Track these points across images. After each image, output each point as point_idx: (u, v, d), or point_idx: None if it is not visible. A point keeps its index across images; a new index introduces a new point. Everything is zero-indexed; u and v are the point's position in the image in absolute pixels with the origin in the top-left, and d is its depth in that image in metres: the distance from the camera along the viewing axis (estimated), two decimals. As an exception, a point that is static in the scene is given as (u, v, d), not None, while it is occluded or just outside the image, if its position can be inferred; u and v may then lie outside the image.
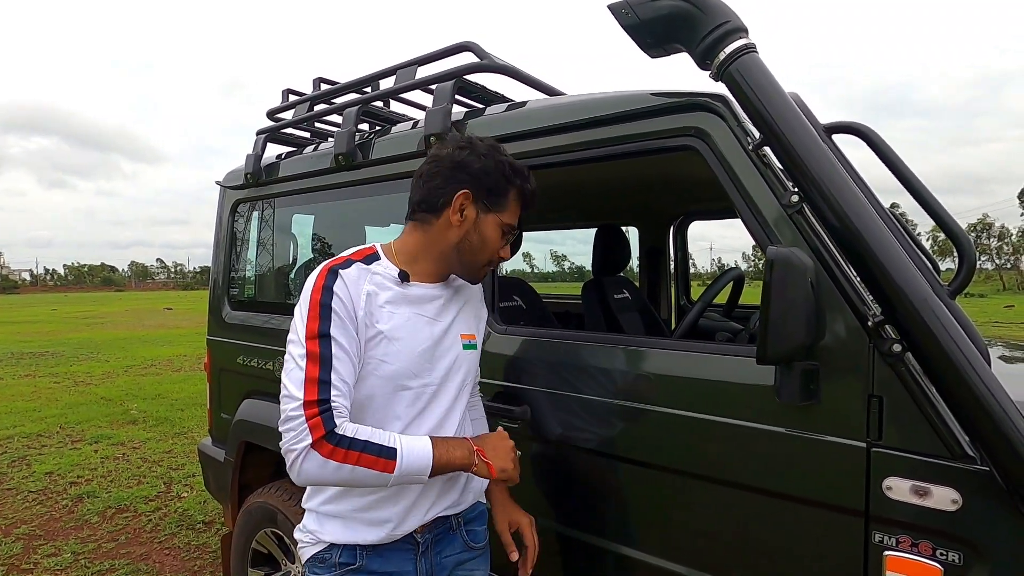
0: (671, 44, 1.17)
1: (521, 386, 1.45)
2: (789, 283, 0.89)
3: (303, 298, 1.01)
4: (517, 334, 1.52)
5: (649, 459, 1.27)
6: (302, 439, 0.92)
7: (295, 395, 0.94)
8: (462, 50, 1.70)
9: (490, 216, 1.11)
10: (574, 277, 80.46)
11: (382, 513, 1.07)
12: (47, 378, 7.92)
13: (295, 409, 0.93)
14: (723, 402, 1.15)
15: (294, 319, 1.01)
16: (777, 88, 1.04)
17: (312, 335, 0.98)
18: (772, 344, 0.90)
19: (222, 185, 2.50)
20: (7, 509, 3.46)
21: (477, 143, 1.11)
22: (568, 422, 1.38)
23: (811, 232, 1.06)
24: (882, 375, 0.98)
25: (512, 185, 1.12)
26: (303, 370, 0.96)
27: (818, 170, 0.97)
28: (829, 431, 1.03)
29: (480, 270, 1.16)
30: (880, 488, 0.97)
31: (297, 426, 0.93)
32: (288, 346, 1.01)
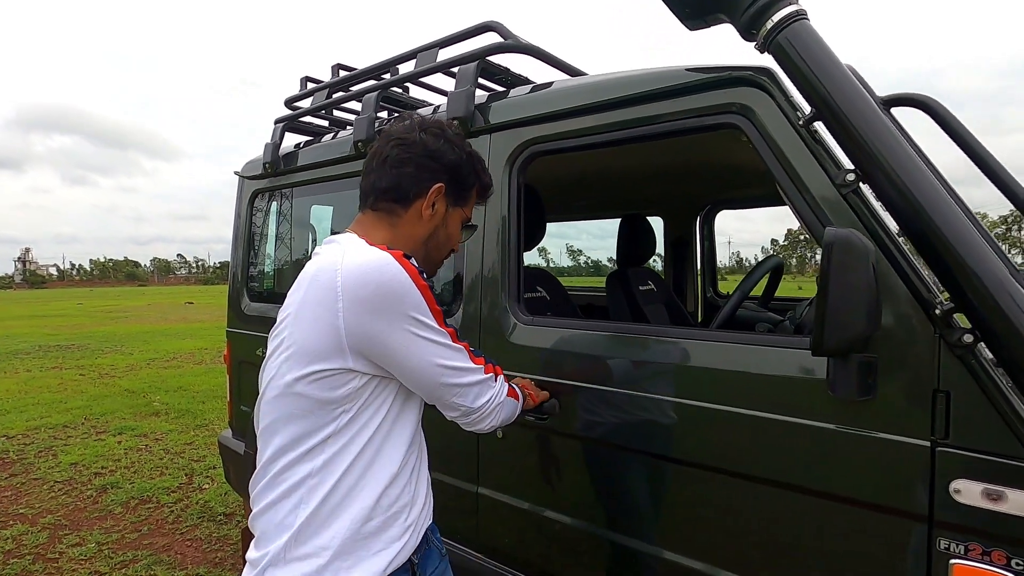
0: (712, 14, 1.10)
1: (549, 379, 1.39)
2: (849, 267, 0.82)
3: (403, 291, 0.89)
4: (544, 325, 1.46)
5: (687, 457, 1.20)
6: (503, 388, 1.08)
7: (473, 366, 1.01)
8: (485, 30, 1.63)
9: (456, 211, 1.08)
10: (589, 271, 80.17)
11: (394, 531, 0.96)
12: (73, 370, 8.07)
13: (480, 374, 1.02)
14: (769, 397, 1.07)
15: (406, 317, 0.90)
16: (832, 57, 0.96)
17: (442, 320, 0.97)
18: (830, 334, 0.83)
19: (240, 175, 2.47)
20: (34, 499, 3.51)
21: (448, 131, 1.05)
22: (600, 417, 1.32)
23: (868, 213, 0.98)
24: (949, 368, 0.90)
25: (478, 180, 1.09)
26: (461, 349, 1.00)
27: (880, 145, 0.89)
28: (887, 428, 0.95)
29: (437, 266, 1.13)
30: (947, 491, 0.89)
31: (492, 382, 1.05)
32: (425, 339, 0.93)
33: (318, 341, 0.88)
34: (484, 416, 1.04)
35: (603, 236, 32.63)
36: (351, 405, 0.91)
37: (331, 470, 0.90)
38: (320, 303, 0.88)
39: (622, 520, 1.32)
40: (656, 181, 2.77)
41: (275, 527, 0.91)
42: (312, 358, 0.88)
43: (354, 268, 0.88)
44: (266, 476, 0.93)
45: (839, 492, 1.00)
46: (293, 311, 0.93)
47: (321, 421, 0.90)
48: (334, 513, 0.90)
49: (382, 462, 0.94)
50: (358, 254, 0.90)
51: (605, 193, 3.02)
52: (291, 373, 0.90)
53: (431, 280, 1.02)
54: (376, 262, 0.89)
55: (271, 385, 0.94)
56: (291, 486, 0.91)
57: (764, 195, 2.80)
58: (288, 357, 0.91)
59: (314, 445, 0.90)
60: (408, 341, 0.91)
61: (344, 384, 0.89)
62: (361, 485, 0.91)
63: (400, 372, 0.93)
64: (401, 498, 0.96)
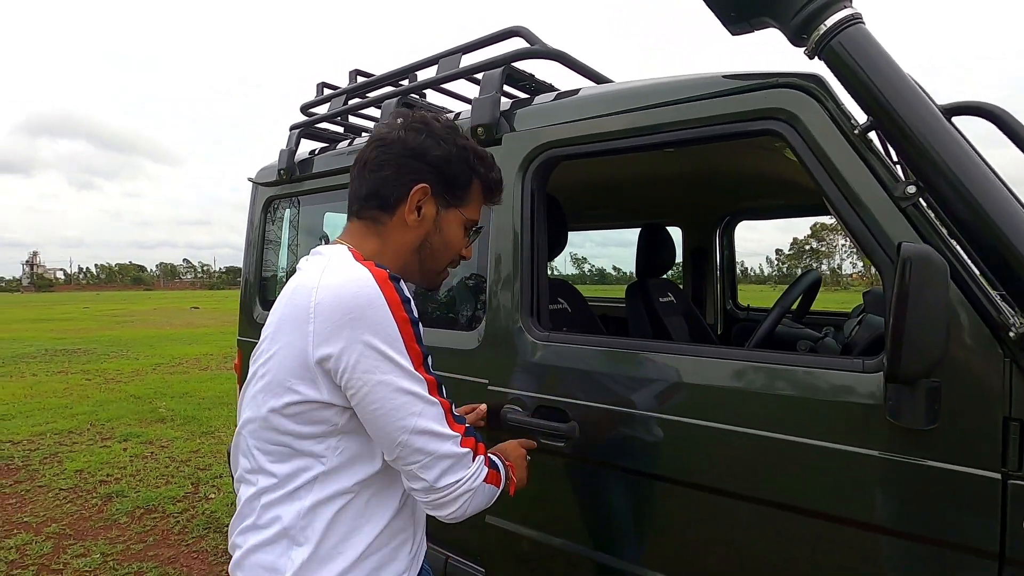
0: (759, 18, 1.05)
1: (567, 399, 1.30)
2: (928, 286, 0.76)
3: (375, 320, 0.78)
4: (561, 341, 1.36)
5: (728, 488, 1.11)
6: (481, 472, 0.87)
7: (448, 432, 0.82)
8: (511, 35, 1.59)
9: (452, 212, 0.95)
10: (594, 280, 79.89)
11: (399, 564, 0.90)
12: (79, 375, 8.04)
13: (455, 445, 0.83)
14: (818, 423, 1.00)
15: (374, 349, 0.77)
16: (892, 63, 0.91)
17: (420, 363, 0.81)
18: (909, 358, 0.77)
19: (254, 182, 2.43)
20: (39, 507, 3.46)
21: (433, 123, 0.92)
22: (624, 442, 1.24)
23: (930, 228, 0.92)
24: (1022, 394, 0.84)
25: (476, 175, 0.96)
26: (438, 404, 0.82)
27: (947, 156, 0.84)
28: (952, 459, 0.88)
29: (439, 275, 1.01)
30: (1021, 526, 0.83)
31: (469, 461, 0.85)
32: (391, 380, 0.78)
33: (290, 368, 0.79)
34: (448, 499, 0.83)
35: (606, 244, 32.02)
36: (337, 441, 0.82)
37: (324, 510, 0.82)
38: (293, 325, 0.79)
39: (647, 553, 1.24)
40: (675, 190, 2.72)
41: (266, 571, 0.82)
42: (286, 388, 0.80)
43: (328, 288, 0.79)
44: (250, 516, 0.85)
45: (897, 527, 0.93)
46: (270, 333, 0.84)
47: (306, 458, 0.81)
48: (333, 554, 0.82)
49: (380, 500, 0.86)
50: (338, 272, 0.81)
51: (622, 202, 2.98)
52: (267, 404, 0.82)
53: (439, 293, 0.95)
54: (352, 283, 0.78)
55: (251, 418, 0.85)
56: (281, 529, 0.82)
57: (785, 206, 2.75)
58: (264, 387, 0.83)
59: (301, 485, 0.82)
60: (373, 378, 0.77)
61: (322, 420, 0.80)
62: (360, 524, 0.84)
63: (361, 415, 0.80)
64: (402, 532, 0.90)
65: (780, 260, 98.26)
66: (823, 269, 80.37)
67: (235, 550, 0.87)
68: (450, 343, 1.56)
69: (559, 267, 72.66)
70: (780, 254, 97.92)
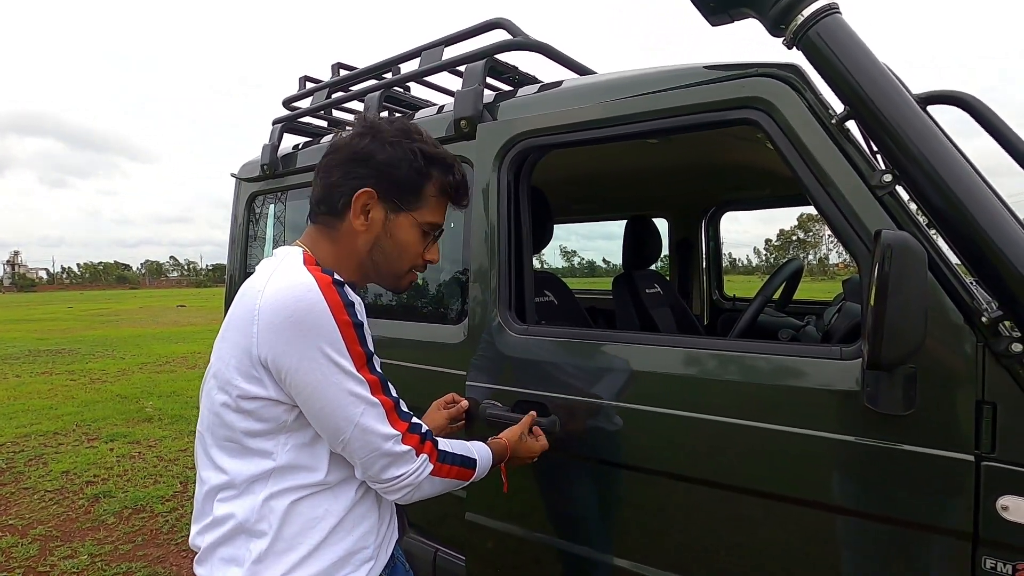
0: (738, 8, 1.06)
1: (549, 393, 1.29)
2: (908, 274, 0.76)
3: (317, 323, 0.80)
4: (541, 335, 1.34)
5: (706, 476, 1.12)
6: (424, 468, 0.89)
7: (389, 432, 0.85)
8: (494, 27, 1.58)
9: (402, 217, 0.94)
10: (584, 273, 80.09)
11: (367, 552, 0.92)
12: (63, 375, 7.93)
13: (397, 443, 0.85)
14: (797, 411, 1.01)
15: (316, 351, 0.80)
16: (868, 53, 0.92)
17: (363, 363, 0.84)
18: (888, 346, 0.77)
19: (237, 177, 2.41)
20: (24, 509, 3.42)
21: (383, 127, 0.93)
22: (606, 435, 1.23)
23: (906, 216, 0.93)
24: (996, 379, 0.85)
25: (427, 178, 0.94)
26: (379, 404, 0.85)
27: (922, 145, 0.85)
28: (927, 442, 0.90)
29: (401, 279, 1.00)
30: (993, 507, 0.85)
31: (411, 458, 0.87)
32: (334, 381, 0.81)
33: (237, 367, 0.82)
34: (393, 490, 0.88)
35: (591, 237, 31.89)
36: (286, 437, 0.84)
37: (277, 503, 0.83)
38: (240, 326, 0.82)
39: (630, 545, 1.24)
40: (660, 182, 2.73)
41: (226, 563, 0.85)
42: (233, 385, 0.82)
43: (273, 292, 0.81)
44: (207, 515, 0.87)
45: (875, 510, 0.95)
46: (222, 331, 0.87)
47: (256, 454, 0.84)
48: (292, 544, 0.84)
49: (336, 490, 0.88)
50: (284, 276, 0.83)
51: (608, 194, 2.98)
52: (217, 399, 0.84)
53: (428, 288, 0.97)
54: (295, 288, 0.80)
55: (205, 415, 0.88)
56: (237, 524, 0.84)
57: (770, 196, 2.77)
58: (215, 385, 0.85)
59: (254, 480, 0.84)
60: (315, 379, 0.80)
61: (271, 417, 0.83)
62: (318, 514, 0.86)
63: (307, 412, 0.83)
64: (366, 519, 0.91)
65: (768, 250, 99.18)
66: (809, 259, 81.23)
67: (196, 548, 0.89)
68: (437, 337, 1.56)
69: (548, 261, 72.65)
70: (769, 244, 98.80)
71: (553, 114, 1.33)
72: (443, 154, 0.97)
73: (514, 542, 1.39)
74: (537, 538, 1.37)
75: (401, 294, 1.05)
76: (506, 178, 1.41)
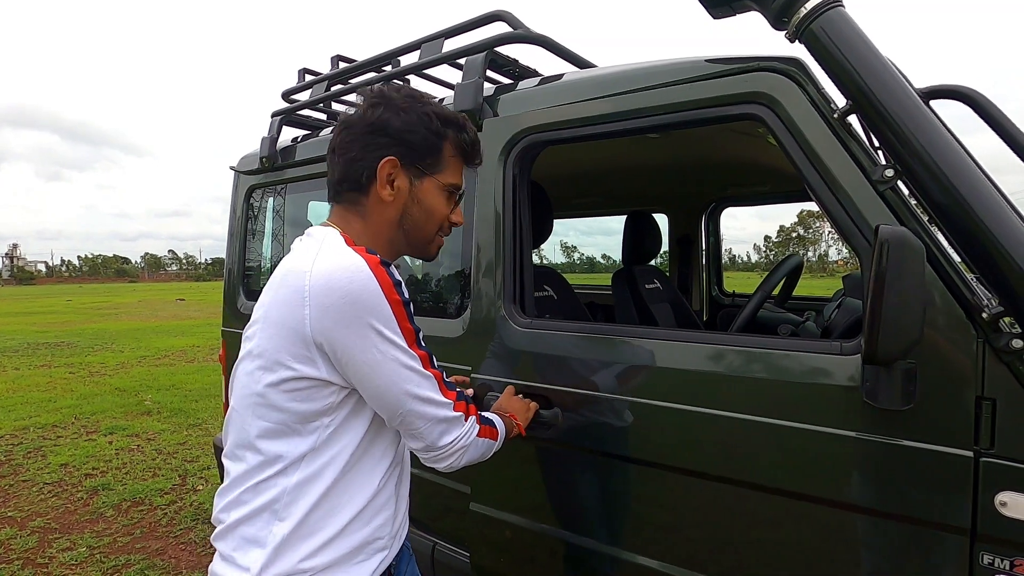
0: (740, 1, 1.05)
1: (551, 386, 1.31)
2: (906, 269, 0.76)
3: (370, 303, 0.81)
4: (544, 328, 1.36)
5: (705, 469, 1.13)
6: (473, 430, 0.97)
7: (442, 400, 0.91)
8: (494, 19, 1.57)
9: (427, 180, 0.94)
10: (583, 269, 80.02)
11: (381, 542, 0.93)
12: (62, 368, 7.93)
13: (449, 410, 0.92)
14: (797, 406, 1.01)
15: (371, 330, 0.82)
16: (871, 47, 0.91)
17: (413, 340, 0.87)
18: (884, 341, 0.77)
19: (236, 170, 2.40)
20: (23, 501, 3.42)
21: (393, 95, 0.93)
22: (607, 428, 1.24)
23: (907, 211, 0.93)
24: (995, 375, 0.85)
25: (444, 138, 0.94)
26: (431, 377, 0.90)
27: (924, 140, 0.84)
28: (925, 438, 0.90)
29: (431, 245, 1.01)
30: (992, 503, 0.85)
31: (462, 422, 0.95)
32: (391, 357, 0.84)
33: (287, 348, 0.82)
34: (446, 455, 0.94)
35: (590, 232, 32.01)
36: (329, 420, 0.85)
37: (308, 488, 0.84)
38: (288, 307, 0.82)
39: (632, 538, 1.25)
40: (661, 177, 2.72)
41: (248, 543, 0.85)
42: (283, 365, 0.82)
43: (323, 273, 0.81)
44: (236, 490, 0.87)
45: (873, 505, 0.95)
46: (263, 313, 0.87)
47: (298, 436, 0.84)
48: (314, 529, 0.85)
49: (362, 479, 0.89)
50: (331, 257, 0.83)
51: (608, 189, 2.97)
52: (263, 380, 0.84)
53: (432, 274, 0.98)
54: (346, 268, 0.81)
55: (244, 394, 0.88)
56: (265, 503, 0.84)
57: (771, 192, 2.76)
58: (260, 365, 0.85)
59: (290, 463, 0.84)
60: (373, 357, 0.82)
61: (321, 397, 0.84)
62: (343, 501, 0.86)
63: (364, 390, 0.85)
64: (384, 510, 0.92)
65: (768, 247, 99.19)
66: (809, 255, 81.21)
67: (219, 524, 0.89)
68: (436, 331, 1.56)
69: (547, 255, 72.53)
70: (768, 241, 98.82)
71: (560, 109, 1.33)
72: (455, 114, 0.97)
73: (519, 533, 1.40)
74: (541, 529, 1.37)
75: (425, 260, 1.06)
76: (512, 172, 1.42)
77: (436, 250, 1.02)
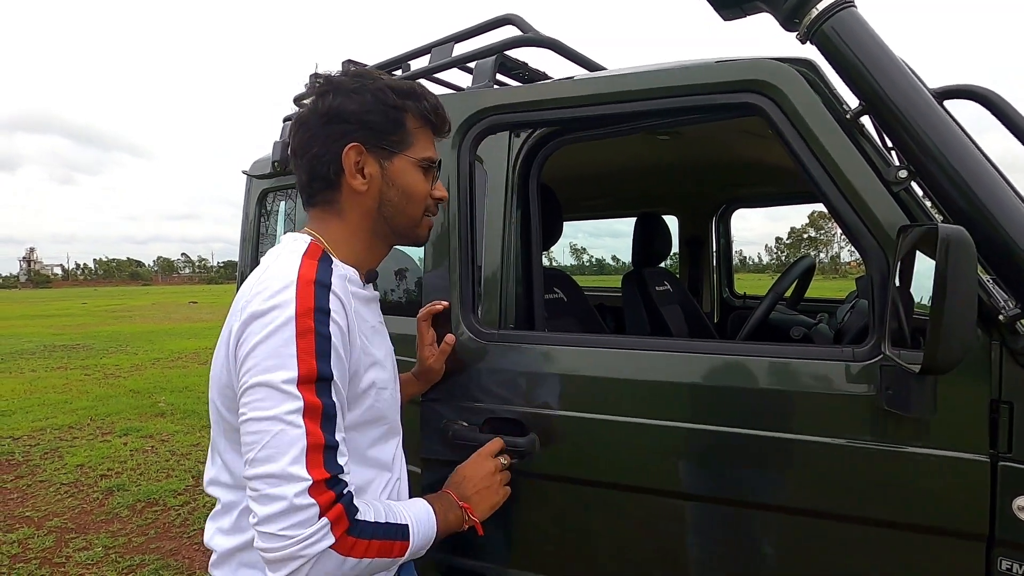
0: (751, 2, 1.04)
1: (523, 408, 1.14)
2: (963, 271, 0.70)
3: (273, 323, 0.71)
4: (510, 341, 1.17)
5: (714, 494, 1.03)
6: (318, 540, 0.67)
7: (297, 474, 0.66)
8: (504, 23, 1.58)
9: (397, 160, 0.85)
10: (593, 271, 79.94)
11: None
12: (78, 370, 8.05)
13: (300, 495, 0.66)
14: (804, 417, 0.96)
15: (255, 351, 0.71)
16: (884, 48, 0.90)
17: (309, 377, 0.70)
18: (946, 349, 0.71)
19: (248, 174, 2.42)
20: (40, 501, 3.47)
21: (340, 79, 0.85)
22: (591, 453, 1.11)
23: (921, 213, 0.92)
24: (1012, 377, 0.84)
25: (405, 111, 0.85)
26: (303, 432, 0.68)
27: (939, 140, 0.84)
28: (941, 444, 0.88)
29: (420, 227, 0.91)
30: (1010, 508, 0.84)
31: (308, 521, 0.66)
32: (256, 393, 0.70)
33: (221, 360, 0.78)
34: (266, 547, 0.67)
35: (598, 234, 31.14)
36: None
37: None
38: (228, 319, 0.79)
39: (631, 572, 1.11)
40: (671, 179, 2.71)
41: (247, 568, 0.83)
42: (218, 377, 0.79)
43: (252, 285, 0.76)
44: (229, 516, 0.84)
45: (888, 515, 0.92)
46: None
47: None
48: None
49: (368, 497, 0.83)
50: (269, 269, 0.78)
51: (618, 191, 2.97)
52: (212, 390, 0.82)
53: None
54: (270, 284, 0.74)
55: (213, 419, 0.86)
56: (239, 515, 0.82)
57: (781, 193, 2.74)
58: (214, 382, 0.82)
59: None
60: (248, 380, 0.71)
61: None
62: None
63: None
64: None
65: (779, 248, 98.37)
66: (821, 257, 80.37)
67: (216, 550, 0.87)
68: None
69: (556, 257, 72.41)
70: (779, 242, 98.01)
71: (520, 91, 1.26)
72: (410, 84, 0.88)
73: None
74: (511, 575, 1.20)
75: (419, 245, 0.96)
76: (466, 159, 1.31)
77: (427, 232, 0.93)
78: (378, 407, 0.86)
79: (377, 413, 0.86)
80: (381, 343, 0.92)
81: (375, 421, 0.86)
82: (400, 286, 1.86)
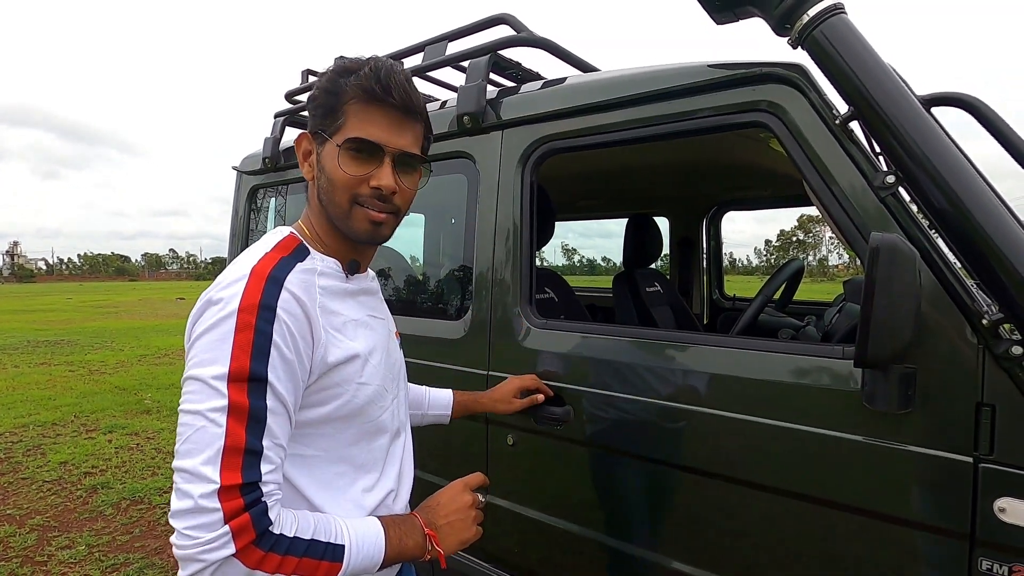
0: (743, 7, 1.05)
1: (564, 385, 1.34)
2: (896, 274, 0.78)
3: (216, 316, 0.69)
4: (558, 328, 1.40)
5: (707, 468, 1.15)
6: (217, 547, 0.63)
7: (205, 475, 0.64)
8: (497, 23, 1.58)
9: (326, 145, 0.81)
10: (584, 271, 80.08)
11: None
12: (62, 366, 7.94)
13: (207, 497, 0.63)
14: (797, 408, 1.03)
15: (196, 344, 0.70)
16: (873, 54, 0.91)
17: (240, 375, 0.67)
18: (875, 344, 0.79)
19: (239, 170, 2.40)
20: (22, 499, 3.42)
21: (322, 75, 0.86)
22: (615, 425, 1.27)
23: (908, 218, 0.93)
24: (995, 381, 0.86)
25: (340, 91, 0.80)
26: (222, 432, 0.65)
27: (925, 146, 0.85)
28: (925, 443, 0.91)
29: (349, 219, 0.82)
30: (991, 509, 0.85)
31: (209, 525, 0.63)
32: (189, 385, 0.68)
33: None
34: (173, 542, 0.65)
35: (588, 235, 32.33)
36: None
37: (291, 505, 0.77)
38: None
39: (636, 531, 1.28)
40: (662, 181, 2.72)
41: None
42: None
43: (219, 276, 0.76)
44: None
45: (872, 507, 0.96)
46: None
47: None
48: None
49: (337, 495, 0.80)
50: (237, 260, 0.78)
51: (609, 192, 2.98)
52: None
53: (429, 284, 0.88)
54: (228, 275, 0.74)
55: None
56: None
57: (773, 196, 2.77)
58: None
59: None
60: (186, 373, 0.70)
61: None
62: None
63: None
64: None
65: (768, 251, 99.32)
66: (810, 260, 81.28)
67: None
68: (437, 332, 1.58)
69: (548, 258, 72.51)
70: (769, 245, 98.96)
71: (577, 119, 1.36)
72: (353, 62, 0.82)
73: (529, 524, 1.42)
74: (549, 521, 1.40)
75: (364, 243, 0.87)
76: (529, 179, 1.45)
77: (364, 225, 0.82)
78: (356, 403, 0.81)
79: (354, 410, 0.81)
80: (367, 336, 0.85)
81: (351, 418, 0.82)
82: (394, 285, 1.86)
